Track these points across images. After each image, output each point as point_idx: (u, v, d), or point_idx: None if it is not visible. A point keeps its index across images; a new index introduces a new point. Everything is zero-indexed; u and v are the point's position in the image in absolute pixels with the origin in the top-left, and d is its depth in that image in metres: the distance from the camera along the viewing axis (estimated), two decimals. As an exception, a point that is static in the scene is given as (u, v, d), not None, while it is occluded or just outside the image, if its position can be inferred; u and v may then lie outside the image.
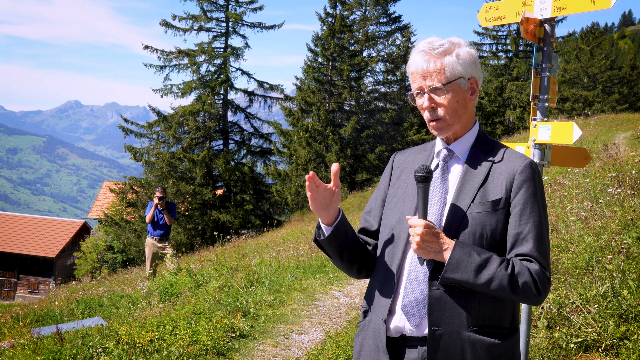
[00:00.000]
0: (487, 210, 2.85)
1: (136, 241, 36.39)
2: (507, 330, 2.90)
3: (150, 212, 14.88)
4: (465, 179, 2.95)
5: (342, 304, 10.23)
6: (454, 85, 2.93)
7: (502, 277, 2.71)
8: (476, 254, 2.75)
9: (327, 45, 43.80)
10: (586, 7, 4.94)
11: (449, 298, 2.80)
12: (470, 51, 3.00)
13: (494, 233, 2.85)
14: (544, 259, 2.81)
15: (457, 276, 2.74)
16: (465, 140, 3.04)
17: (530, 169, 2.90)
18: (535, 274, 2.75)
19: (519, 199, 2.85)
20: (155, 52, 40.18)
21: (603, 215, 8.92)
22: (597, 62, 61.73)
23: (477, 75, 3.01)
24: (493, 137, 30.44)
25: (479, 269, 2.73)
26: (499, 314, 2.86)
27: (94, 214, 55.66)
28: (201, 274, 12.26)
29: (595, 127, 29.17)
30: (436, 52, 2.92)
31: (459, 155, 3.04)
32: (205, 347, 7.65)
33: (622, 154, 13.88)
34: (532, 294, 2.76)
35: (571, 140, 4.85)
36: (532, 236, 2.81)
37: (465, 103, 2.98)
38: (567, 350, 5.81)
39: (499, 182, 2.90)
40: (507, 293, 2.74)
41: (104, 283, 20.17)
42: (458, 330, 2.78)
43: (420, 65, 2.95)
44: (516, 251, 2.82)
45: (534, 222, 2.82)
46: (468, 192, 2.91)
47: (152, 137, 39.77)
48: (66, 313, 11.99)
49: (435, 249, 2.78)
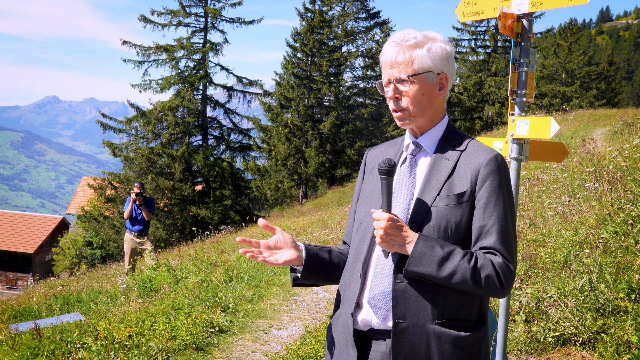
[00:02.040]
0: (451, 204, 2.85)
1: (115, 237, 36.29)
2: (474, 323, 2.90)
3: (129, 207, 14.82)
4: (431, 172, 2.95)
5: (321, 299, 10.25)
6: (420, 77, 2.92)
7: (465, 270, 2.72)
8: (439, 247, 2.75)
9: (306, 41, 43.87)
10: (563, 2, 4.97)
11: (414, 291, 2.80)
12: (444, 47, 2.98)
13: (458, 226, 2.85)
14: (508, 252, 2.81)
15: (420, 269, 2.75)
16: (433, 133, 3.04)
17: (496, 162, 2.90)
18: (498, 267, 2.75)
19: (483, 191, 2.85)
20: (134, 47, 40.06)
21: (581, 209, 8.97)
22: (575, 57, 62.12)
23: (448, 71, 3.00)
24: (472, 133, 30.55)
25: (442, 262, 2.73)
26: (465, 307, 2.87)
27: (72, 210, 55.39)
28: (180, 270, 12.24)
29: (573, 122, 29.31)
30: (407, 44, 2.92)
31: (427, 149, 3.03)
32: (184, 342, 7.63)
33: (600, 149, 13.96)
34: (495, 287, 2.76)
35: (549, 135, 4.87)
36: (496, 229, 2.81)
37: (432, 97, 2.97)
38: (545, 344, 5.85)
39: (464, 175, 2.90)
40: (469, 286, 2.74)
41: (82, 279, 20.09)
42: (423, 323, 2.79)
43: (390, 56, 2.95)
44: (480, 244, 2.83)
45: (498, 215, 2.83)
46: (434, 185, 2.91)
47: (131, 132, 39.63)
48: (44, 309, 11.92)
49: (398, 242, 2.79)
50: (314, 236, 17.49)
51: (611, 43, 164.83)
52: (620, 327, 5.41)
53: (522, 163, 5.79)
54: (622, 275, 6.08)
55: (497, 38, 50.58)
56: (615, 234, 7.14)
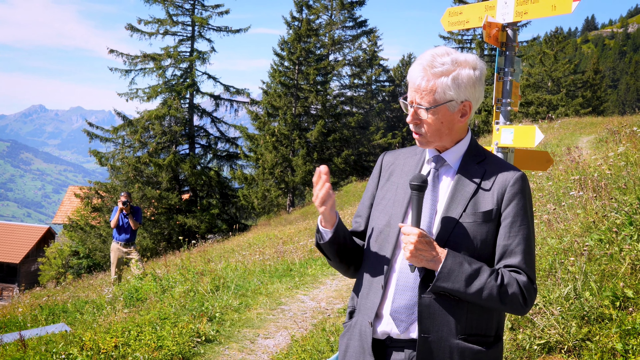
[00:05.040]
0: (478, 221, 2.88)
1: (101, 246, 36.16)
2: (493, 339, 2.94)
3: (115, 216, 14.78)
4: (457, 188, 2.96)
5: (308, 308, 10.23)
6: (441, 108, 2.89)
7: (492, 287, 2.75)
8: (467, 264, 2.78)
9: (293, 49, 43.89)
10: (547, 12, 5.00)
11: (438, 306, 2.82)
12: (471, 73, 2.93)
13: (483, 243, 2.88)
14: (531, 271, 2.86)
15: (449, 285, 2.77)
16: (457, 149, 3.04)
17: (522, 182, 2.93)
18: (523, 286, 2.79)
19: (509, 211, 2.88)
20: (121, 56, 40.02)
21: (566, 217, 9.00)
22: (561, 66, 62.42)
23: (473, 98, 2.96)
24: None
25: (470, 279, 2.76)
26: (485, 322, 2.90)
27: (58, 219, 55.12)
28: (167, 279, 12.21)
29: (559, 130, 29.42)
30: (433, 70, 2.87)
31: (451, 164, 3.04)
32: (170, 352, 7.61)
33: (585, 157, 14.01)
34: (519, 305, 2.80)
35: (533, 144, 4.90)
36: (520, 249, 2.85)
37: (452, 125, 2.96)
38: (531, 351, 5.86)
39: (490, 193, 2.92)
40: (495, 303, 2.78)
41: (68, 289, 20.02)
42: (446, 338, 2.81)
43: (415, 79, 2.92)
44: (505, 262, 2.86)
45: (523, 235, 2.86)
46: (459, 201, 2.92)
47: (118, 141, 39.58)
48: (30, 319, 11.88)
49: (427, 257, 2.79)
50: (301, 245, 17.49)
51: (597, 51, 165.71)
52: (605, 334, 5.43)
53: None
54: (607, 283, 6.10)
55: (484, 46, 50.71)
56: (600, 242, 7.16)
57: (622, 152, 11.89)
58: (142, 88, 40.11)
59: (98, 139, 39.13)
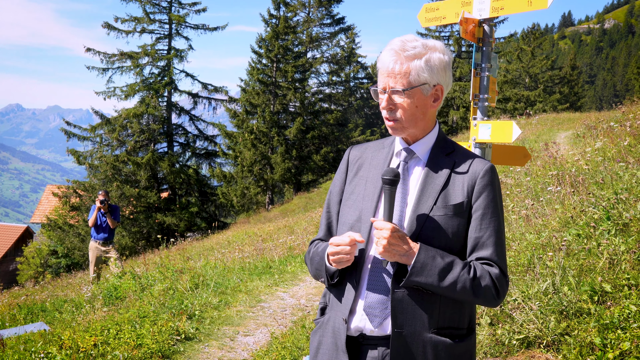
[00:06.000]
0: (449, 214, 2.88)
1: (80, 245, 35.99)
2: (466, 331, 2.95)
3: (93, 215, 14.72)
4: (426, 181, 2.96)
5: (287, 305, 10.23)
6: (416, 90, 2.90)
7: (465, 280, 2.76)
8: (440, 257, 2.78)
9: (271, 47, 43.83)
10: (523, 7, 5.02)
11: (411, 300, 2.82)
12: (443, 57, 2.95)
13: (455, 236, 2.88)
14: (503, 263, 2.88)
15: (422, 279, 2.77)
16: (426, 141, 3.04)
17: (491, 174, 2.95)
18: (495, 278, 2.81)
19: (480, 203, 2.90)
20: (98, 54, 39.87)
21: (544, 213, 9.05)
22: (538, 62, 62.77)
23: (444, 82, 2.98)
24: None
25: (443, 273, 2.76)
26: (458, 315, 2.90)
27: (37, 219, 54.80)
28: (146, 277, 12.18)
29: (537, 126, 29.53)
30: (406, 54, 2.88)
31: (420, 157, 3.03)
32: (150, 350, 7.59)
33: (563, 153, 14.09)
34: (492, 297, 2.82)
35: (511, 139, 4.92)
36: (492, 241, 2.86)
37: (425, 109, 2.97)
38: (510, 346, 5.88)
39: (460, 186, 2.93)
40: (469, 296, 2.79)
41: (47, 288, 19.90)
42: (420, 332, 2.81)
43: (387, 64, 2.91)
44: (477, 255, 2.87)
45: (494, 227, 2.88)
46: (430, 194, 2.92)
47: (96, 140, 39.44)
48: (8, 319, 11.80)
49: (400, 252, 2.78)
50: (280, 242, 17.48)
51: (573, 47, 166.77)
52: (584, 329, 5.45)
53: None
54: (585, 278, 6.14)
55: (461, 43, 50.91)
56: (578, 237, 7.20)
57: (600, 148, 11.97)
58: (119, 86, 40.01)
59: (76, 138, 38.94)
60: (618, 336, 5.12)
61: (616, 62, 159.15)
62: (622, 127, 13.77)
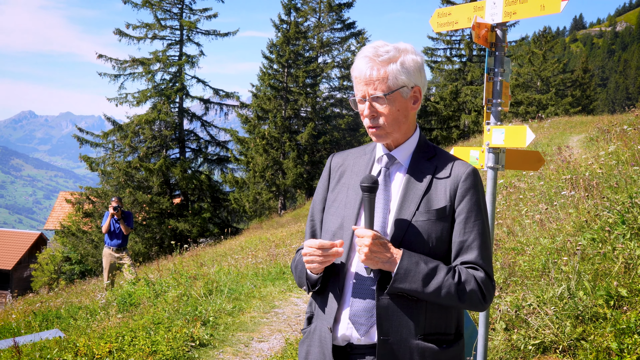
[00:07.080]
0: (432, 219, 2.87)
1: (93, 252, 36.06)
2: (453, 337, 2.94)
3: (107, 222, 14.76)
4: (408, 186, 2.95)
5: (301, 311, 10.23)
6: (396, 94, 2.90)
7: (450, 285, 2.75)
8: (424, 263, 2.77)
9: (282, 52, 43.88)
10: (536, 12, 5.00)
11: (396, 307, 2.81)
12: (416, 59, 2.96)
13: (439, 241, 2.87)
14: (489, 266, 2.86)
15: (406, 286, 2.75)
16: (407, 147, 3.04)
17: (474, 177, 2.93)
18: (480, 282, 2.80)
19: (463, 206, 2.88)
20: (110, 60, 39.94)
21: (558, 217, 9.02)
22: (550, 65, 62.52)
23: (420, 83, 2.99)
24: (449, 142, 30.55)
25: (427, 278, 2.75)
26: (444, 321, 2.90)
27: (50, 225, 54.94)
28: (159, 284, 12.20)
29: (549, 130, 29.45)
30: (380, 59, 2.88)
31: (401, 162, 3.03)
32: (164, 357, 7.60)
33: (576, 157, 14.04)
34: (478, 301, 2.80)
35: (524, 144, 4.90)
36: (476, 244, 2.85)
37: (407, 112, 2.97)
38: (526, 352, 5.87)
39: (442, 190, 2.92)
40: (454, 301, 2.78)
41: (61, 294, 19.94)
42: (406, 339, 2.80)
43: (364, 72, 2.90)
44: (461, 259, 2.86)
45: (478, 230, 2.87)
46: (412, 200, 2.91)
47: (108, 146, 39.53)
48: (23, 326, 11.85)
49: (383, 259, 2.77)
50: (293, 247, 17.48)
51: (585, 50, 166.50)
52: (600, 334, 5.44)
53: (498, 172, 5.81)
54: (600, 282, 6.12)
55: (472, 47, 50.73)
56: (592, 241, 7.18)
57: (613, 151, 11.93)
58: (131, 93, 40.11)
59: (88, 144, 39.06)
60: (635, 341, 5.10)
61: (628, 65, 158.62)
62: (635, 130, 13.72)
